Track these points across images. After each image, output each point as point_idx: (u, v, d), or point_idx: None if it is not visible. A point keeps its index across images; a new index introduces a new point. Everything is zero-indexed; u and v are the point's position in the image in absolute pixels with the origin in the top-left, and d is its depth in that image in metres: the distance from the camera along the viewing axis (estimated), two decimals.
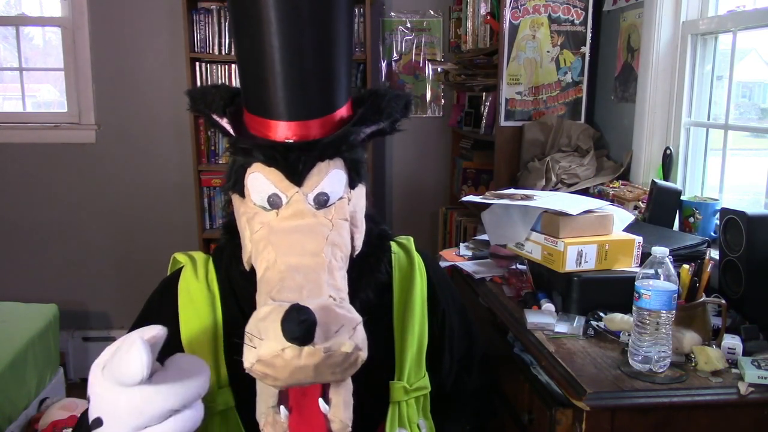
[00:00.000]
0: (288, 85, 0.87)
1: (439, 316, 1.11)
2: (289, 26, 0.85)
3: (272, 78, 0.87)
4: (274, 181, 0.90)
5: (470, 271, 1.84)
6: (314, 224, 0.89)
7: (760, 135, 2.04)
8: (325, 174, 0.91)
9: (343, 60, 0.91)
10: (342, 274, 0.88)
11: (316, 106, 0.90)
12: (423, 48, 3.37)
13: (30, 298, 3.05)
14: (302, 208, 0.89)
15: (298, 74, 0.87)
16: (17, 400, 2.49)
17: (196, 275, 1.03)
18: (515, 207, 1.60)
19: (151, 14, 3.19)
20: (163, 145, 3.30)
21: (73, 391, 3.05)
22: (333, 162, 0.92)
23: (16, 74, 3.35)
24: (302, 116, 0.89)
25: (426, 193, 3.46)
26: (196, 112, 0.97)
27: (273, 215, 0.90)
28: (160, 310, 1.02)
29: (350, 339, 0.78)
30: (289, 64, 0.86)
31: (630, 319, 1.29)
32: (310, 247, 0.87)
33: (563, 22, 2.42)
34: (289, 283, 0.82)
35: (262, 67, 0.87)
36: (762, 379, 1.19)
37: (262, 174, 0.90)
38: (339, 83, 0.92)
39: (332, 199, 0.91)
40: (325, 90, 0.91)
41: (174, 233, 3.38)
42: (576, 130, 2.41)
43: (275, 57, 0.86)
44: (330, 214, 0.91)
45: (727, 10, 1.93)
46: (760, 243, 1.41)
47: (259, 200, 0.91)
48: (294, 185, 0.89)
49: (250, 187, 0.92)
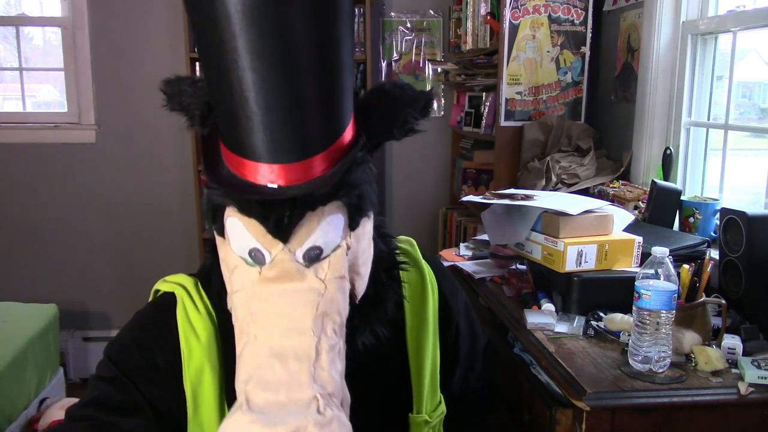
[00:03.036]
0: (268, 127, 0.68)
1: (452, 332, 1.05)
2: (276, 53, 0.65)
3: (246, 119, 0.68)
4: (255, 234, 0.75)
5: (470, 271, 1.84)
6: (303, 289, 0.74)
7: (760, 135, 2.04)
8: (317, 224, 0.75)
9: (348, 77, 0.73)
10: (332, 356, 0.73)
11: (308, 145, 0.71)
12: (423, 48, 3.37)
13: (30, 298, 3.06)
14: (288, 267, 0.74)
15: (280, 114, 0.68)
16: (17, 400, 2.49)
17: (196, 308, 0.89)
18: (515, 207, 1.60)
19: (151, 14, 3.19)
20: (163, 145, 3.30)
21: (73, 391, 3.06)
22: (328, 207, 0.76)
23: (16, 74, 3.35)
24: (290, 159, 0.70)
25: (426, 193, 3.46)
26: (172, 110, 0.82)
27: (255, 273, 0.75)
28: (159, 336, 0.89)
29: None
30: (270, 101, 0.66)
31: (630, 319, 1.29)
32: (296, 322, 0.73)
33: (563, 22, 2.42)
34: (268, 375, 0.70)
35: (233, 105, 0.67)
36: (762, 379, 1.19)
37: (241, 222, 0.75)
38: (341, 109, 0.73)
39: (326, 251, 0.76)
40: (319, 124, 0.71)
41: (174, 233, 3.39)
42: (576, 130, 2.40)
43: (249, 96, 0.66)
44: (323, 271, 0.76)
45: (727, 10, 1.93)
46: (760, 243, 1.41)
47: (239, 251, 0.77)
48: (278, 241, 0.74)
49: (230, 233, 0.78)
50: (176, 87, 0.80)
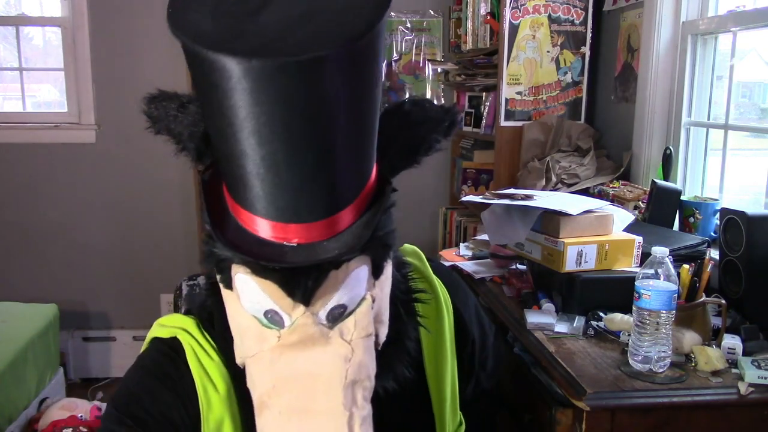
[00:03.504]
0: (289, 185, 0.61)
1: (468, 347, 0.99)
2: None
3: (251, 180, 0.62)
4: (272, 296, 0.67)
5: (470, 271, 1.84)
6: (329, 356, 0.67)
7: (760, 135, 2.04)
8: (341, 282, 0.68)
9: (376, 123, 0.66)
10: (365, 428, 0.67)
11: (335, 201, 0.64)
12: (423, 48, 3.37)
13: (30, 298, 3.06)
14: (311, 332, 0.67)
15: (305, 172, 0.60)
16: (17, 400, 2.49)
17: (208, 355, 0.80)
18: (515, 207, 1.60)
19: (151, 14, 3.18)
20: (162, 144, 3.26)
21: (73, 391, 3.06)
22: (350, 264, 0.68)
23: (16, 74, 3.35)
24: (314, 217, 0.63)
25: (426, 193, 3.45)
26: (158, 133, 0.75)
27: (272, 337, 0.68)
28: (172, 387, 0.80)
29: None
30: (293, 158, 0.60)
31: (630, 319, 1.29)
32: (325, 400, 0.66)
33: (563, 22, 2.41)
34: None
35: (245, 161, 0.61)
36: (762, 379, 1.19)
37: (255, 282, 0.68)
38: (370, 158, 0.67)
39: (350, 307, 0.69)
40: (349, 178, 0.64)
41: (174, 233, 3.38)
42: (576, 130, 2.40)
43: (267, 152, 0.60)
44: (348, 333, 0.69)
45: (727, 10, 1.93)
46: (760, 243, 1.41)
47: (252, 310, 0.69)
48: (300, 303, 0.67)
49: (240, 290, 0.70)
50: (161, 110, 0.72)
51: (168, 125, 0.71)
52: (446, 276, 1.00)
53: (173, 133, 0.72)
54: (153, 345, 0.84)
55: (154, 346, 0.84)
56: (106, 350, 3.39)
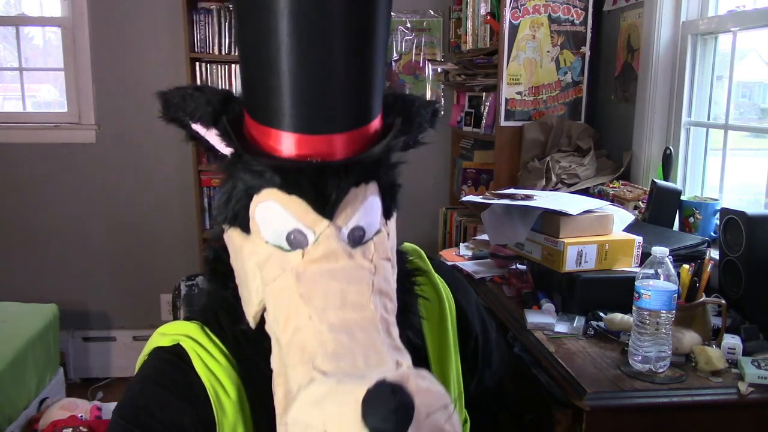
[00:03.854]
0: (302, 89, 0.67)
1: (471, 343, 0.99)
2: (312, 23, 0.66)
3: (280, 79, 0.67)
4: (297, 214, 0.69)
5: (470, 271, 1.84)
6: (353, 267, 0.69)
7: (760, 135, 2.04)
8: (360, 203, 0.71)
9: (380, 63, 0.72)
10: (397, 333, 0.68)
11: (347, 116, 0.70)
12: (423, 48, 3.37)
13: (30, 298, 3.06)
14: (336, 246, 0.69)
15: (317, 77, 0.67)
16: (17, 400, 2.49)
17: (215, 359, 0.78)
18: (515, 207, 1.60)
19: (151, 14, 3.18)
20: (163, 144, 3.30)
21: (73, 391, 3.06)
22: (369, 187, 0.72)
23: (16, 74, 3.35)
24: (327, 129, 0.69)
25: (426, 193, 3.45)
26: (170, 121, 0.76)
27: (296, 257, 0.69)
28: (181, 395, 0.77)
29: (448, 424, 0.57)
30: (304, 62, 0.67)
31: (630, 319, 1.29)
32: (353, 298, 0.67)
33: (563, 22, 2.42)
34: (334, 347, 0.62)
35: (268, 64, 0.67)
36: (762, 379, 1.19)
37: (279, 204, 0.70)
38: (376, 88, 0.72)
39: (368, 234, 0.72)
40: (358, 97, 0.71)
41: (174, 233, 3.38)
42: (576, 130, 2.40)
43: (284, 56, 0.66)
44: (369, 253, 0.71)
45: (727, 10, 1.93)
46: (760, 243, 1.41)
47: (273, 238, 0.71)
48: (323, 218, 0.69)
49: (261, 220, 0.71)
50: (177, 95, 0.75)
51: (183, 106, 0.74)
52: (448, 274, 1.00)
53: (188, 108, 0.74)
54: (154, 354, 0.81)
55: (156, 355, 0.81)
56: (106, 350, 3.39)
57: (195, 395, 0.76)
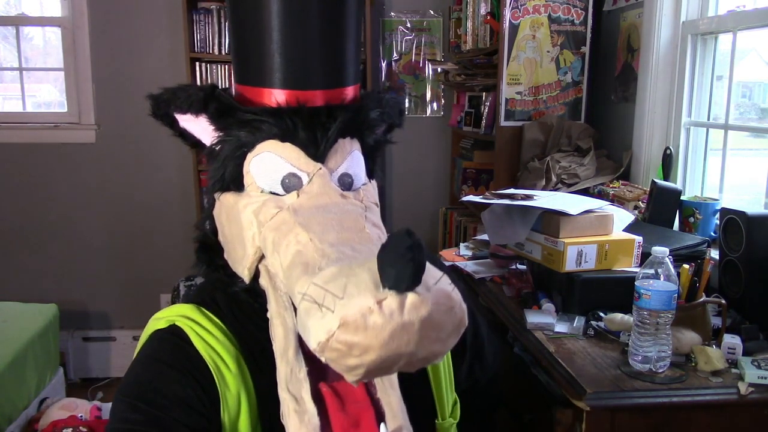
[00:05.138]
0: (290, 49, 0.78)
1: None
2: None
3: (272, 43, 0.78)
4: (290, 159, 0.77)
5: (470, 271, 1.84)
6: (346, 204, 0.76)
7: (760, 135, 2.04)
8: (348, 153, 0.81)
9: (353, 36, 0.84)
10: None
11: (324, 75, 0.81)
12: (423, 48, 3.37)
13: (30, 298, 3.06)
14: (328, 185, 0.77)
15: (302, 39, 0.78)
16: (17, 400, 2.49)
17: (212, 335, 0.80)
18: (515, 207, 1.60)
19: (151, 14, 3.19)
20: (162, 145, 3.30)
21: (73, 391, 3.06)
22: (353, 142, 0.82)
23: (16, 74, 3.35)
24: (309, 85, 0.79)
25: (426, 193, 3.46)
26: (158, 117, 0.82)
27: (292, 197, 0.76)
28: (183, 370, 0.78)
29: (454, 292, 0.63)
30: (291, 27, 0.78)
31: (630, 319, 1.29)
32: (349, 224, 0.72)
33: (563, 22, 2.41)
34: (338, 256, 0.65)
35: (261, 31, 0.78)
36: (762, 379, 1.19)
37: (274, 152, 0.78)
38: (348, 57, 0.83)
39: (356, 183, 0.81)
40: (333, 59, 0.82)
41: (174, 233, 3.38)
42: (576, 130, 2.40)
43: (275, 22, 0.78)
44: (359, 196, 0.79)
45: (727, 10, 1.93)
46: (760, 243, 1.41)
47: (268, 185, 0.77)
48: (316, 162, 0.78)
49: (256, 171, 0.78)
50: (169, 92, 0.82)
51: (172, 99, 0.80)
52: (436, 262, 1.00)
53: (177, 103, 0.80)
54: (152, 335, 0.82)
55: (154, 336, 0.82)
56: (106, 350, 3.39)
57: (197, 369, 0.77)
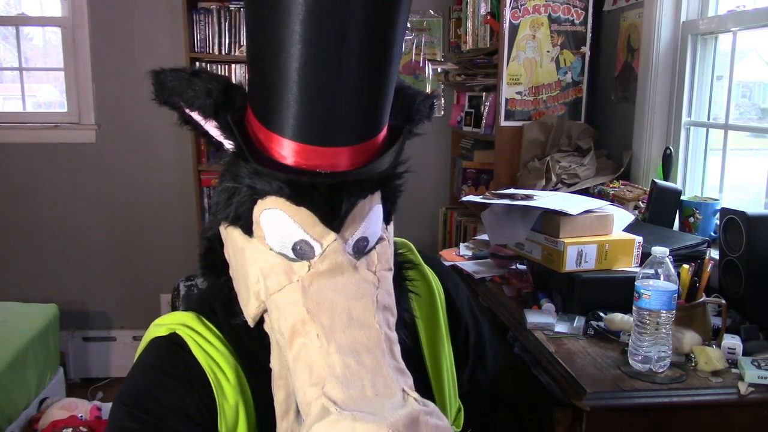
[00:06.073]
0: (315, 103, 0.65)
1: (461, 332, 0.99)
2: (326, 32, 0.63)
3: (291, 91, 0.65)
4: (304, 225, 0.69)
5: (470, 271, 1.84)
6: (359, 281, 0.70)
7: (760, 135, 2.04)
8: (366, 214, 0.71)
9: (395, 71, 0.70)
10: (399, 351, 0.69)
11: (357, 130, 0.68)
12: (423, 48, 3.37)
13: (30, 298, 3.06)
14: (341, 260, 0.69)
15: (331, 91, 0.65)
16: (17, 400, 2.49)
17: (212, 345, 0.79)
18: (515, 207, 1.60)
19: (151, 14, 3.18)
20: (163, 145, 3.30)
21: (73, 391, 3.06)
22: (374, 196, 0.73)
23: (16, 74, 3.35)
24: (335, 142, 0.67)
25: (426, 193, 3.46)
26: (163, 104, 0.72)
27: (302, 268, 0.69)
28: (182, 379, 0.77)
29: None
30: (317, 75, 0.64)
31: (630, 319, 1.29)
32: (359, 315, 0.67)
33: (563, 22, 2.41)
34: (344, 373, 0.63)
35: (280, 75, 0.64)
36: (762, 379, 1.19)
37: (287, 213, 0.69)
38: (388, 102, 0.71)
39: (371, 243, 0.73)
40: (370, 113, 0.69)
41: (174, 233, 3.38)
42: (576, 130, 2.40)
43: (294, 65, 0.63)
44: (372, 264, 0.72)
45: (727, 10, 1.93)
46: (760, 243, 1.41)
47: (278, 246, 0.70)
48: (331, 231, 0.69)
49: (266, 227, 0.70)
50: (173, 76, 0.71)
51: (180, 91, 0.71)
52: (437, 264, 1.02)
53: (184, 97, 0.71)
54: (152, 343, 0.81)
55: (154, 343, 0.81)
56: (106, 350, 3.39)
57: (195, 379, 0.76)
